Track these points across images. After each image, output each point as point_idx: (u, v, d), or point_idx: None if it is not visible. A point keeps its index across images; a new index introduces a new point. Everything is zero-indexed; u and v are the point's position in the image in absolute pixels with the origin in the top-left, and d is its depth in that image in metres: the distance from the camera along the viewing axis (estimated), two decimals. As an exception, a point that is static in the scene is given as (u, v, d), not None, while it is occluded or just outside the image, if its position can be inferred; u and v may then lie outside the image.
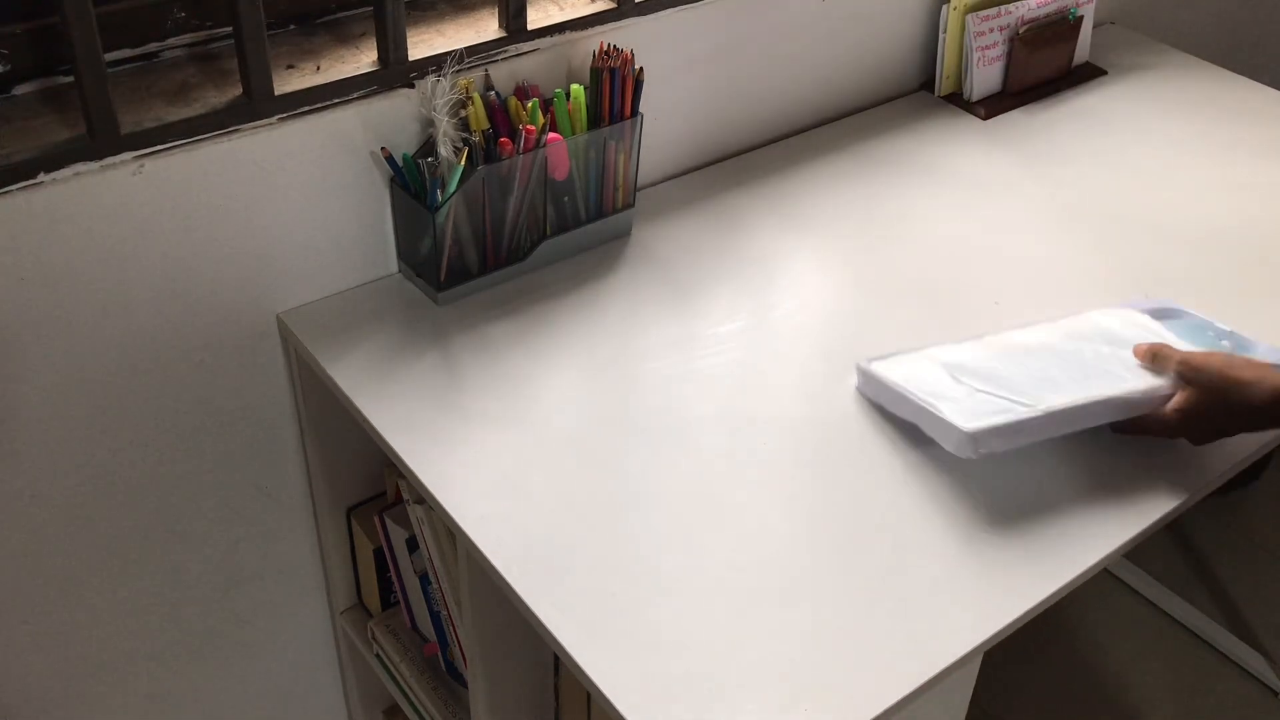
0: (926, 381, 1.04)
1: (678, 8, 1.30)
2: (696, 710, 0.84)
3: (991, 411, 0.99)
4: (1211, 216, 1.38)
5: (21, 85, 1.04)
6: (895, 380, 1.05)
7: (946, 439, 0.99)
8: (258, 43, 1.03)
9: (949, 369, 1.05)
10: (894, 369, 1.07)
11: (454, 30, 1.20)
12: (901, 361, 1.09)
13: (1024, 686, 1.85)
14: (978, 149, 1.50)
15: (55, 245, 1.00)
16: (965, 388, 1.02)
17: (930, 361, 1.07)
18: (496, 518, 0.97)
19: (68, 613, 1.18)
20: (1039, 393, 1.01)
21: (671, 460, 1.03)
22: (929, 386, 1.03)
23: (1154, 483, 1.03)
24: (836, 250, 1.30)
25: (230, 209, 1.09)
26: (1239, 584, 2.04)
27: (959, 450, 0.98)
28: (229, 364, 1.16)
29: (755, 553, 0.95)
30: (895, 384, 1.05)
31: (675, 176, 1.41)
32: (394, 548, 1.25)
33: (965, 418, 0.98)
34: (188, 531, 1.22)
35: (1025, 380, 1.03)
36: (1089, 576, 0.96)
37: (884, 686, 0.86)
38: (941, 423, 0.99)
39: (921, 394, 1.02)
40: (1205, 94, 1.64)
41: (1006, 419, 0.98)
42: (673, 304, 1.21)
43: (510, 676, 1.13)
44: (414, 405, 1.07)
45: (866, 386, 1.10)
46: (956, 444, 0.98)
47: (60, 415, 1.08)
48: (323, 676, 1.46)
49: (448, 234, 1.15)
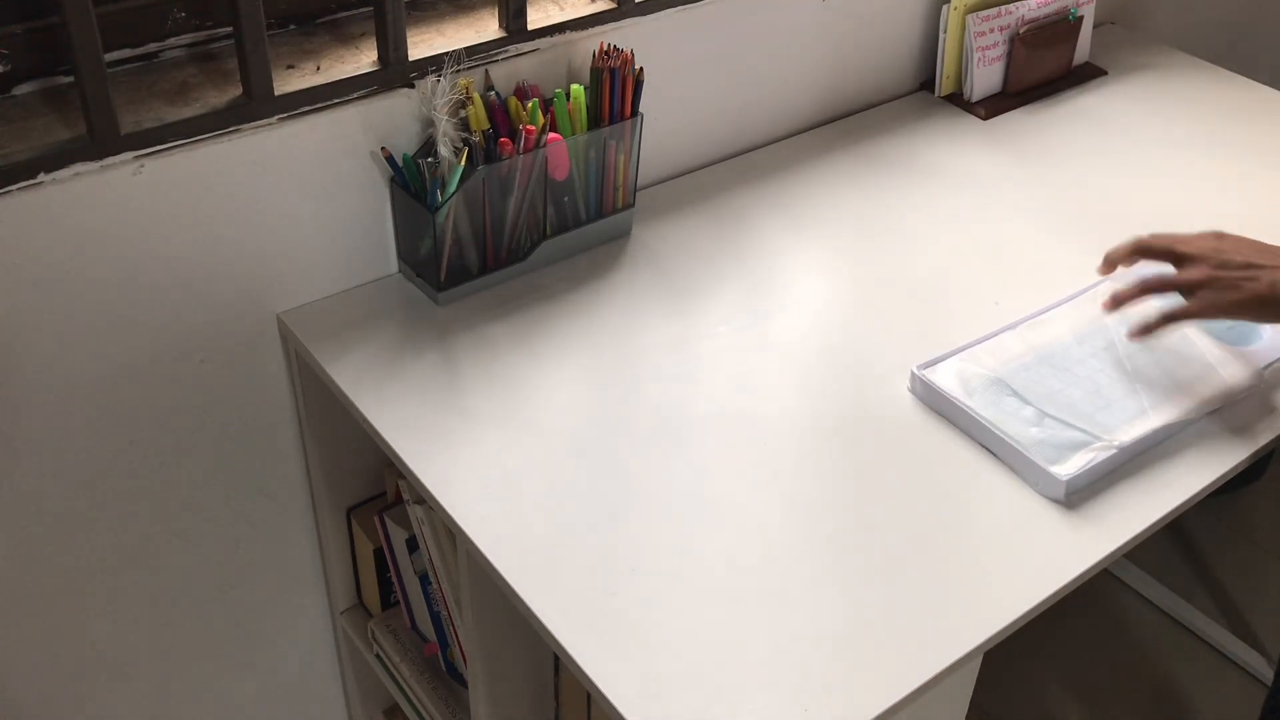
0: (994, 405, 1.06)
1: (678, 8, 1.30)
2: (696, 710, 0.84)
3: (1070, 446, 1.02)
4: (1212, 216, 1.38)
5: (21, 85, 1.04)
6: (959, 398, 1.07)
7: (1033, 478, 1.02)
8: (258, 43, 1.03)
9: (1008, 384, 1.08)
10: (950, 380, 1.09)
11: (454, 30, 1.20)
12: (956, 371, 1.10)
13: (1024, 686, 1.85)
14: (978, 149, 1.50)
15: (55, 245, 1.00)
16: (1032, 410, 1.06)
17: (982, 370, 1.10)
18: (496, 518, 0.97)
19: (68, 612, 1.18)
20: (1102, 419, 1.05)
21: (671, 460, 1.03)
22: (1000, 413, 1.05)
23: (1154, 481, 1.03)
24: (836, 250, 1.30)
25: (230, 209, 1.09)
26: (1239, 584, 2.04)
27: (1047, 492, 1.01)
28: (229, 364, 1.16)
29: (755, 552, 0.95)
30: (965, 405, 1.06)
31: (675, 176, 1.41)
32: (394, 548, 1.25)
33: (1051, 456, 1.01)
34: (188, 531, 1.22)
35: (1083, 399, 1.07)
36: (1089, 576, 0.96)
37: (884, 686, 0.86)
38: (1029, 463, 1.02)
39: (995, 424, 1.04)
40: (1205, 94, 1.64)
41: (1092, 460, 1.01)
42: (673, 304, 1.21)
43: (510, 676, 1.13)
44: (414, 405, 1.07)
45: (924, 394, 1.10)
46: (1047, 487, 1.01)
47: (60, 415, 1.08)
48: (323, 676, 1.46)
49: (448, 234, 1.15)
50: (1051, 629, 1.92)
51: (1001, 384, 1.08)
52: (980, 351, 1.12)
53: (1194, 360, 1.12)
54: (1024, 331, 1.15)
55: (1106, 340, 1.14)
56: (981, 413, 1.05)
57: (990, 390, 1.08)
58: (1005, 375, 1.09)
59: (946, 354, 1.12)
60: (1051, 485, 1.00)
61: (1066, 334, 1.15)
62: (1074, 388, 1.08)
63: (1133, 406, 1.07)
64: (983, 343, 1.13)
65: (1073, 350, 1.13)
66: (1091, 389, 1.09)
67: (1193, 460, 1.06)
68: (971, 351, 1.12)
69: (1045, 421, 1.05)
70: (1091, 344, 1.14)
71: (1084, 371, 1.10)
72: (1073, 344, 1.13)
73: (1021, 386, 1.08)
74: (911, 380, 1.11)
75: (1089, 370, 1.11)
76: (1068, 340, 1.14)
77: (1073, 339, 1.14)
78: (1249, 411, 1.10)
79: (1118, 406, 1.07)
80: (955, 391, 1.07)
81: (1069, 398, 1.07)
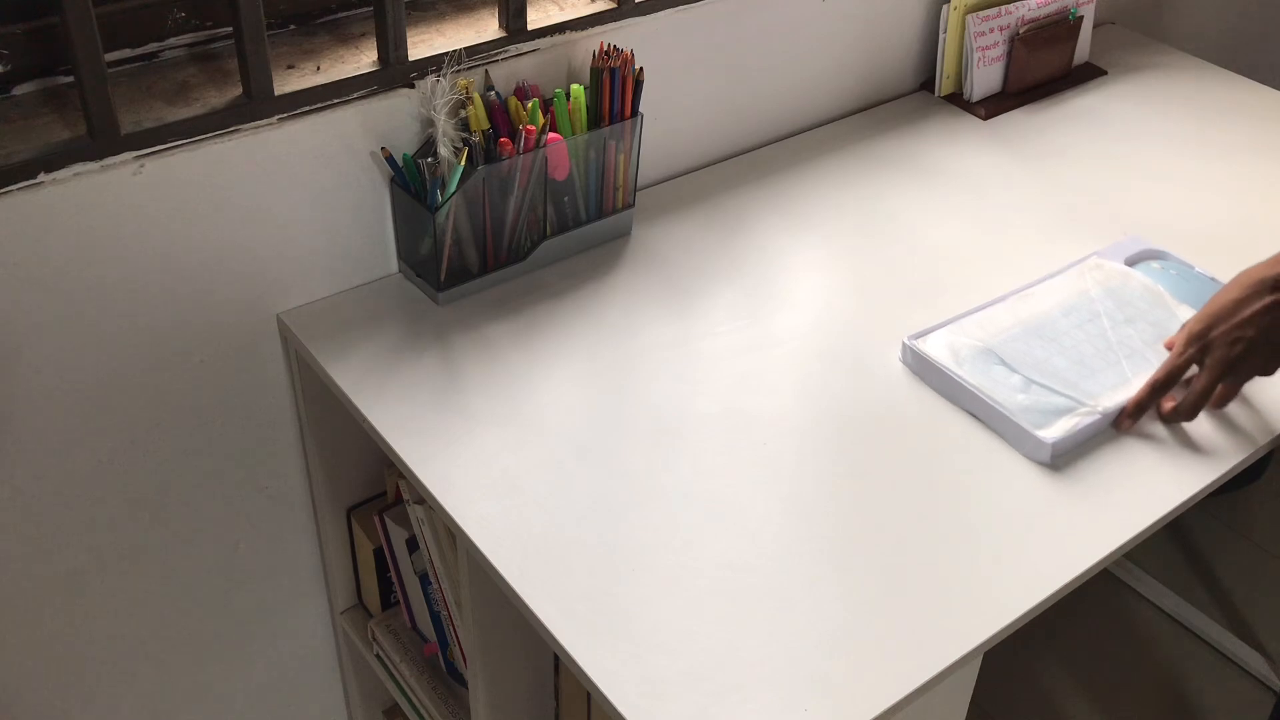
0: (983, 374, 1.10)
1: (678, 8, 1.30)
2: (696, 710, 0.84)
3: (1055, 411, 1.07)
4: (1211, 216, 1.38)
5: (21, 85, 1.04)
6: (950, 367, 1.11)
7: (1019, 442, 1.05)
8: (258, 43, 1.03)
9: (996, 354, 1.12)
10: (941, 350, 1.13)
11: (454, 30, 1.20)
12: (945, 341, 1.14)
13: (1024, 686, 1.85)
14: (978, 149, 1.50)
15: (55, 245, 1.00)
16: (1020, 378, 1.10)
17: (971, 340, 1.14)
18: (496, 518, 0.97)
19: (68, 613, 1.18)
20: (1087, 386, 1.10)
21: (671, 460, 1.03)
22: (988, 380, 1.10)
23: (1154, 482, 1.03)
24: (837, 250, 1.30)
25: (230, 209, 1.09)
26: (1239, 584, 2.04)
27: (1034, 455, 1.05)
28: (229, 364, 1.16)
29: (755, 552, 0.95)
30: (954, 374, 1.10)
31: (675, 176, 1.41)
32: (394, 548, 1.25)
33: (1036, 421, 1.05)
34: (188, 531, 1.22)
35: (1068, 368, 1.12)
36: (1089, 576, 0.96)
37: (884, 686, 0.86)
38: (1014, 426, 1.05)
39: (984, 390, 1.08)
40: (1205, 94, 1.64)
41: (1076, 424, 1.05)
42: (673, 304, 1.21)
43: (510, 676, 1.13)
44: (414, 405, 1.07)
45: (914, 364, 1.14)
46: (1033, 450, 1.05)
47: (60, 415, 1.08)
48: (323, 676, 1.46)
49: (448, 234, 1.15)
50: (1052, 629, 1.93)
51: (990, 354, 1.12)
52: (969, 323, 1.17)
53: (1174, 332, 1.16)
54: (1013, 304, 1.19)
55: (1092, 313, 1.19)
56: (971, 381, 1.09)
57: (979, 360, 1.12)
58: (994, 345, 1.13)
59: (937, 325, 1.16)
60: (1038, 449, 1.04)
61: (1053, 307, 1.19)
62: (1059, 357, 1.13)
63: (1115, 375, 1.11)
64: (972, 315, 1.18)
65: (1059, 322, 1.17)
66: (1076, 358, 1.13)
67: (1193, 460, 1.06)
68: (961, 324, 1.17)
69: (1032, 389, 1.09)
70: (1077, 316, 1.18)
71: (1069, 342, 1.15)
72: (1059, 316, 1.18)
73: (1009, 356, 1.12)
74: (903, 350, 1.15)
75: (1074, 341, 1.15)
76: (1054, 313, 1.18)
77: (1059, 312, 1.19)
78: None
79: (1101, 375, 1.11)
80: (946, 361, 1.11)
81: (1054, 366, 1.12)
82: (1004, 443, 1.06)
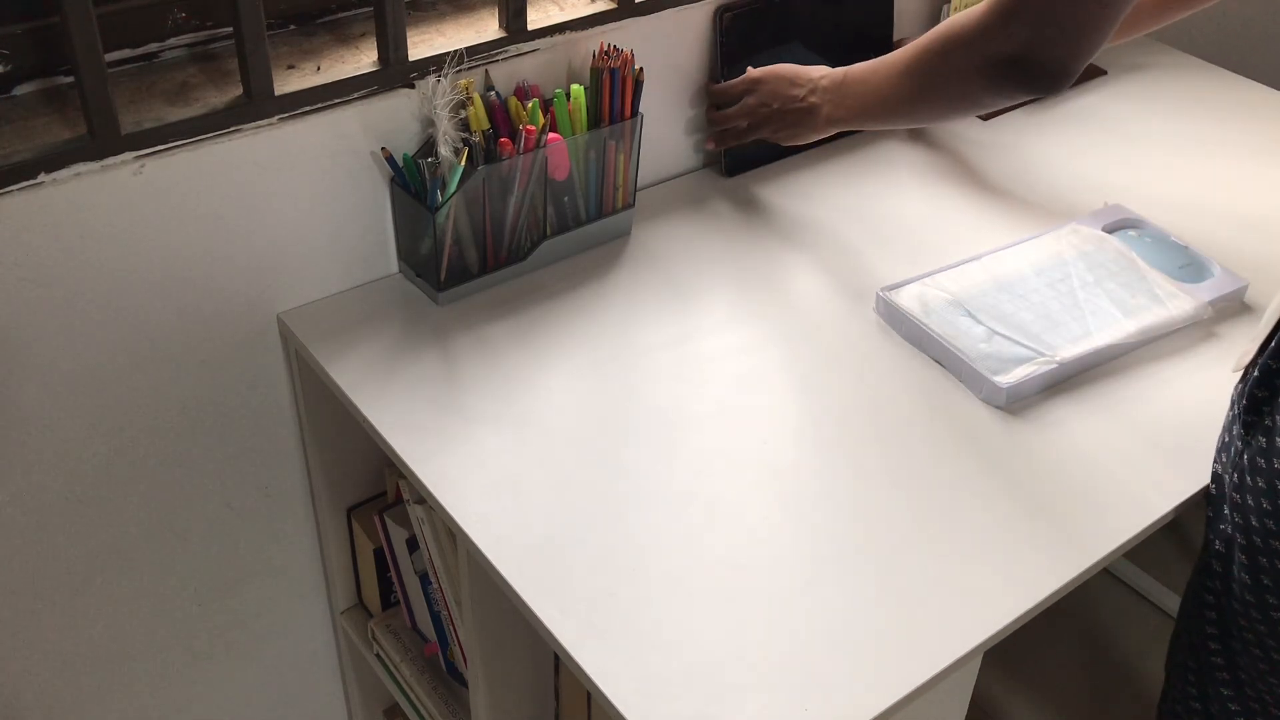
0: (949, 323, 1.15)
1: (678, 8, 1.30)
2: (696, 710, 0.84)
3: (1015, 360, 1.11)
4: (1211, 216, 1.38)
5: (21, 85, 1.04)
6: (919, 317, 1.15)
7: (977, 387, 1.11)
8: (258, 43, 1.03)
9: (964, 305, 1.17)
10: (912, 301, 1.17)
11: (454, 30, 1.20)
12: (917, 293, 1.18)
13: (1024, 686, 1.86)
14: (977, 149, 1.50)
15: (55, 245, 1.01)
16: (984, 329, 1.14)
17: (942, 293, 1.18)
18: (496, 518, 0.97)
19: (68, 612, 1.18)
20: (1049, 338, 1.13)
21: (671, 459, 1.03)
22: (953, 329, 1.14)
23: (1154, 481, 1.03)
24: (836, 250, 1.30)
25: (230, 209, 1.09)
26: (1239, 584, 2.03)
27: (990, 399, 1.10)
28: (229, 364, 1.16)
29: (755, 552, 0.95)
30: (921, 322, 1.15)
31: (675, 176, 1.42)
32: (394, 548, 1.25)
33: (995, 367, 1.10)
34: (188, 531, 1.22)
35: (1033, 321, 1.15)
36: (1089, 576, 0.96)
37: (884, 686, 0.86)
38: (973, 373, 1.10)
39: (948, 338, 1.13)
40: (1205, 94, 1.64)
41: (1032, 372, 1.10)
42: (672, 304, 1.21)
43: (510, 676, 1.13)
44: (414, 405, 1.07)
45: (887, 314, 1.19)
46: (988, 394, 1.10)
47: (61, 415, 1.08)
48: (323, 676, 1.46)
49: (448, 234, 1.15)
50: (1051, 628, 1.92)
51: (958, 305, 1.17)
52: (943, 278, 1.21)
53: (1142, 293, 1.20)
54: (987, 262, 1.23)
55: (1064, 274, 1.22)
56: (936, 330, 1.14)
57: (947, 310, 1.16)
58: (963, 299, 1.18)
59: (910, 279, 1.20)
60: (994, 393, 1.09)
61: (1026, 267, 1.23)
62: (1026, 312, 1.17)
63: (1078, 329, 1.15)
64: (946, 271, 1.22)
65: (1030, 280, 1.21)
66: (1042, 313, 1.17)
67: (1193, 460, 1.06)
68: (935, 277, 1.21)
69: (994, 339, 1.13)
70: (1048, 276, 1.22)
71: (1038, 299, 1.19)
72: (1031, 275, 1.22)
73: (977, 308, 1.17)
74: (876, 301, 1.19)
75: (1042, 298, 1.19)
76: (1027, 272, 1.22)
77: (1031, 271, 1.22)
78: (1190, 340, 1.18)
79: (1064, 329, 1.15)
80: (915, 311, 1.16)
81: (1020, 320, 1.16)
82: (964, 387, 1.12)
